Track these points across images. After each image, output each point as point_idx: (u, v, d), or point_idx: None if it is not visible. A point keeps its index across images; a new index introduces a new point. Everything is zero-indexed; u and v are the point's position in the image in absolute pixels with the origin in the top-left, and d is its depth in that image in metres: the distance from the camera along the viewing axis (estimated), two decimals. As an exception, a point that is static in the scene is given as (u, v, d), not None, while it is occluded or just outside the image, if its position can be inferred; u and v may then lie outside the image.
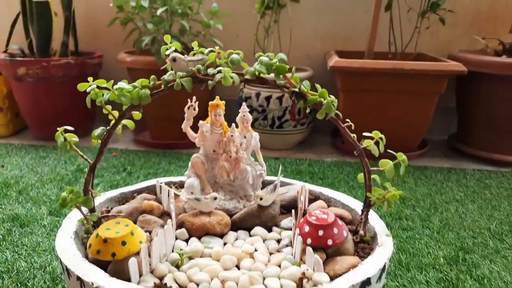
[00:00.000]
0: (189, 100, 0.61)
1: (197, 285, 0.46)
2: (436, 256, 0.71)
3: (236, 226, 0.58)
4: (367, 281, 0.45)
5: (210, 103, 0.61)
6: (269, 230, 0.58)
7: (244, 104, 0.64)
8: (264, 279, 0.47)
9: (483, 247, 0.74)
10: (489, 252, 0.73)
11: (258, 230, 0.57)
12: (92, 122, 1.43)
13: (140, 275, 0.46)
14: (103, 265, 0.46)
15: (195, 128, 0.62)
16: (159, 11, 1.14)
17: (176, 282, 0.46)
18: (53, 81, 1.26)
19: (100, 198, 0.61)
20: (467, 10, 1.37)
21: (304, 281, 0.46)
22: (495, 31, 1.34)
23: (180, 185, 0.66)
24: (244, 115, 0.63)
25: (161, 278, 0.47)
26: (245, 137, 0.63)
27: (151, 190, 0.67)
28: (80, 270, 0.45)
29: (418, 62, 1.12)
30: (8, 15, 1.44)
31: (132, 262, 0.45)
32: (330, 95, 0.49)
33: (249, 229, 0.58)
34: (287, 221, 0.59)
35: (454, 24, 1.38)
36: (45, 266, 0.65)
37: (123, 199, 0.64)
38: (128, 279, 0.44)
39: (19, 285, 0.61)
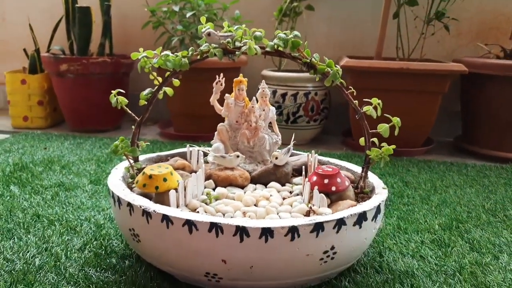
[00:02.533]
0: (217, 76, 0.72)
1: (223, 215, 0.56)
2: (432, 224, 0.79)
3: (254, 181, 0.68)
4: (364, 214, 0.54)
5: (234, 79, 0.73)
6: (283, 185, 0.68)
7: (263, 81, 0.75)
8: (278, 213, 0.57)
9: (476, 219, 0.82)
10: (481, 223, 0.80)
11: (273, 184, 0.67)
12: (121, 118, 1.56)
13: (177, 207, 0.57)
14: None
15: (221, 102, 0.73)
16: (188, 14, 1.27)
17: (206, 213, 0.56)
18: (91, 77, 1.40)
19: (140, 158, 0.72)
20: (472, 21, 1.47)
21: (311, 213, 0.55)
22: (498, 40, 1.43)
23: (206, 154, 0.76)
24: (263, 91, 0.74)
25: (193, 210, 0.57)
26: (263, 110, 0.74)
27: (182, 155, 0.78)
28: (129, 197, 0.55)
29: (423, 62, 1.22)
30: (51, 19, 1.60)
31: (172, 193, 0.55)
32: (336, 65, 0.60)
33: (265, 184, 0.68)
34: (298, 179, 0.69)
35: (459, 34, 1.48)
36: (90, 218, 0.76)
37: (159, 160, 0.75)
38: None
39: (69, 229, 0.72)
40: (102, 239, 0.68)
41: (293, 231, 0.49)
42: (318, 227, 0.50)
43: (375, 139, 0.63)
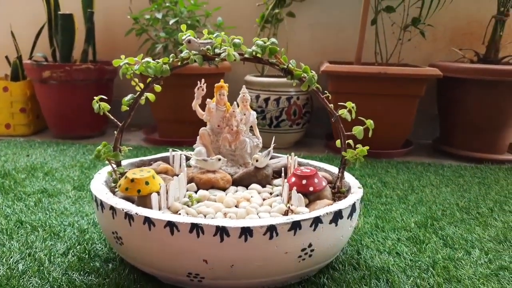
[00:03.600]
0: (198, 82, 0.74)
1: (205, 216, 0.58)
2: (408, 222, 0.82)
3: (236, 183, 0.70)
4: (339, 213, 0.56)
5: (216, 85, 0.75)
6: (263, 187, 0.70)
7: (244, 86, 0.77)
8: (258, 213, 0.59)
9: (450, 217, 0.85)
10: (455, 220, 0.84)
11: (254, 186, 0.69)
12: (105, 124, 1.56)
13: (159, 209, 0.58)
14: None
15: (203, 107, 0.75)
16: (171, 22, 1.29)
17: (187, 215, 0.58)
18: (74, 84, 1.40)
19: (122, 162, 0.73)
20: (447, 27, 1.52)
21: (289, 213, 0.57)
22: (471, 45, 1.49)
23: (188, 158, 0.78)
24: (244, 95, 0.76)
25: (175, 213, 0.58)
26: (244, 114, 0.76)
27: (165, 160, 0.79)
28: (112, 201, 0.56)
29: (400, 67, 1.26)
30: (33, 26, 1.60)
31: (154, 195, 0.57)
32: (312, 71, 0.62)
33: (247, 186, 0.70)
34: (278, 181, 0.71)
35: (435, 39, 1.54)
36: (74, 223, 0.77)
37: (142, 164, 0.76)
38: (150, 206, 0.56)
39: (52, 235, 0.72)
40: (85, 244, 0.69)
41: (271, 229, 0.51)
42: (295, 226, 0.52)
43: (350, 141, 0.66)
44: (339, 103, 0.65)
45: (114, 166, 0.65)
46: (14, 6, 1.70)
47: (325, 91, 0.65)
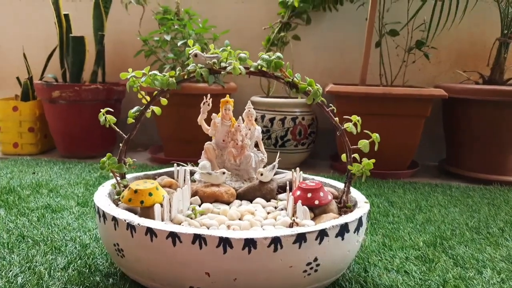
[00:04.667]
0: (204, 97, 0.75)
1: (208, 228, 0.57)
2: (417, 241, 0.80)
3: (240, 197, 0.69)
4: (345, 226, 0.55)
5: (221, 99, 0.75)
6: (268, 201, 0.69)
7: (249, 101, 0.77)
8: (262, 226, 0.58)
9: (460, 237, 0.83)
10: (465, 240, 0.81)
11: (259, 200, 0.68)
12: (113, 144, 1.57)
13: (162, 221, 0.57)
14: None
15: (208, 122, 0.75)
16: (179, 43, 1.32)
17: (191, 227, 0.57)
18: (83, 104, 1.43)
19: (127, 176, 0.73)
20: (450, 49, 1.54)
21: (294, 225, 0.56)
22: (476, 67, 1.50)
23: (193, 173, 0.77)
24: (249, 110, 0.76)
25: (178, 225, 0.58)
26: (249, 129, 0.76)
27: (170, 174, 0.79)
28: (114, 212, 0.56)
29: (405, 88, 1.26)
30: (45, 48, 1.64)
31: (157, 206, 0.56)
32: (317, 84, 0.63)
33: (251, 200, 0.69)
34: (283, 196, 0.70)
35: (439, 61, 1.55)
36: (75, 238, 0.76)
37: (146, 178, 0.76)
38: (153, 217, 0.55)
39: (53, 249, 0.71)
40: (86, 258, 0.68)
41: (275, 242, 0.50)
42: (300, 238, 0.51)
43: (356, 155, 0.65)
44: (344, 117, 0.65)
45: (118, 178, 0.65)
46: (27, 28, 1.76)
47: (330, 105, 0.65)
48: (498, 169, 1.30)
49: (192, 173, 0.76)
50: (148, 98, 0.65)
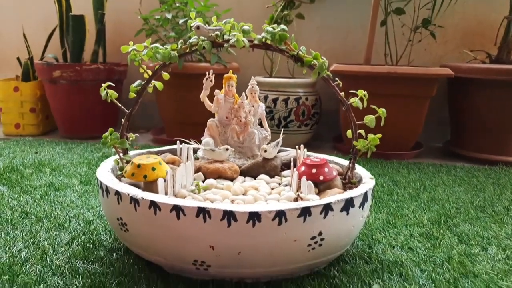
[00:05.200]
0: (207, 72, 0.74)
1: (212, 202, 0.56)
2: (421, 219, 0.79)
3: (243, 174, 0.69)
4: (351, 201, 0.54)
5: (224, 75, 0.74)
6: (272, 178, 0.68)
7: (252, 77, 0.76)
8: (266, 201, 0.57)
9: (464, 215, 0.82)
10: (470, 218, 0.81)
11: (263, 176, 0.67)
12: (115, 125, 1.56)
13: (166, 195, 0.57)
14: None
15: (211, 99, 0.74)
16: (180, 21, 1.30)
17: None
18: (84, 84, 1.41)
19: (130, 154, 0.72)
20: (457, 28, 1.51)
21: (298, 200, 0.56)
22: (483, 47, 1.47)
23: (196, 151, 0.77)
24: (252, 87, 0.75)
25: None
26: (253, 106, 0.75)
27: (173, 152, 0.78)
28: (117, 186, 0.55)
29: (410, 67, 1.24)
30: (45, 28, 1.62)
31: (160, 181, 0.56)
32: (322, 57, 0.61)
33: (255, 177, 0.68)
34: (287, 172, 0.70)
35: (445, 41, 1.52)
36: (79, 215, 0.76)
37: (149, 155, 0.75)
38: (156, 192, 0.55)
39: (57, 225, 0.71)
40: (90, 234, 0.68)
41: (280, 215, 0.50)
42: (305, 212, 0.51)
43: (362, 131, 0.64)
44: (350, 91, 0.63)
45: (121, 153, 0.64)
46: (27, 8, 1.73)
47: (336, 79, 0.64)
48: (504, 150, 1.28)
49: (195, 150, 0.75)
50: (150, 72, 0.63)
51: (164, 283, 0.54)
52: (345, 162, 0.72)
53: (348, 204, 0.54)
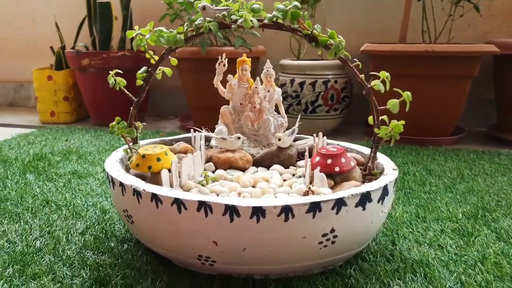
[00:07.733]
0: (219, 57, 0.70)
1: (217, 195, 0.53)
2: (455, 213, 0.72)
3: (257, 164, 0.65)
4: (367, 195, 0.49)
5: (238, 59, 0.70)
6: (286, 168, 0.64)
7: (268, 61, 0.71)
8: (275, 194, 0.54)
9: (506, 208, 0.74)
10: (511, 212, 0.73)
11: (276, 166, 0.63)
12: (144, 111, 1.57)
13: (171, 187, 0.55)
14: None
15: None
16: (199, 5, 1.26)
17: (199, 193, 0.54)
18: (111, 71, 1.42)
19: (143, 142, 0.71)
20: (504, 1, 1.36)
21: (309, 194, 0.51)
22: (537, 19, 1.32)
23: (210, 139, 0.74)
24: (267, 71, 0.70)
25: (188, 191, 0.55)
26: (268, 91, 0.71)
27: (187, 140, 0.76)
28: (122, 177, 0.54)
29: (449, 44, 1.13)
30: (77, 17, 1.65)
31: (164, 172, 0.53)
32: (339, 36, 0.55)
33: (268, 167, 0.64)
34: (302, 162, 0.65)
35: (491, 14, 1.38)
36: (97, 204, 0.76)
37: (163, 144, 0.74)
38: (160, 187, 0.52)
39: (74, 214, 0.72)
40: (104, 224, 0.68)
41: (286, 210, 0.46)
42: (314, 207, 0.46)
43: (385, 117, 0.58)
44: (371, 73, 0.57)
45: (130, 143, 0.63)
46: (59, -2, 1.76)
47: (355, 59, 0.58)
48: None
49: (209, 139, 0.73)
50: (156, 58, 0.61)
51: (170, 277, 0.53)
52: (368, 150, 0.67)
53: (365, 198, 0.49)
